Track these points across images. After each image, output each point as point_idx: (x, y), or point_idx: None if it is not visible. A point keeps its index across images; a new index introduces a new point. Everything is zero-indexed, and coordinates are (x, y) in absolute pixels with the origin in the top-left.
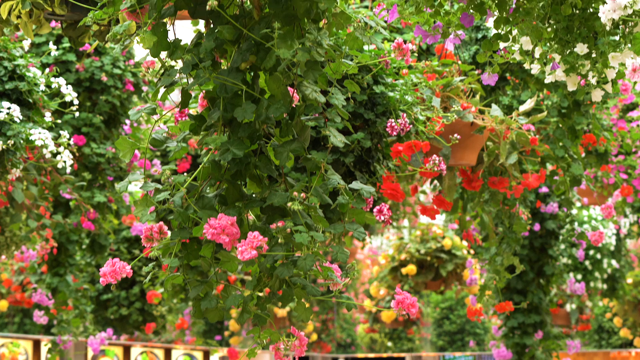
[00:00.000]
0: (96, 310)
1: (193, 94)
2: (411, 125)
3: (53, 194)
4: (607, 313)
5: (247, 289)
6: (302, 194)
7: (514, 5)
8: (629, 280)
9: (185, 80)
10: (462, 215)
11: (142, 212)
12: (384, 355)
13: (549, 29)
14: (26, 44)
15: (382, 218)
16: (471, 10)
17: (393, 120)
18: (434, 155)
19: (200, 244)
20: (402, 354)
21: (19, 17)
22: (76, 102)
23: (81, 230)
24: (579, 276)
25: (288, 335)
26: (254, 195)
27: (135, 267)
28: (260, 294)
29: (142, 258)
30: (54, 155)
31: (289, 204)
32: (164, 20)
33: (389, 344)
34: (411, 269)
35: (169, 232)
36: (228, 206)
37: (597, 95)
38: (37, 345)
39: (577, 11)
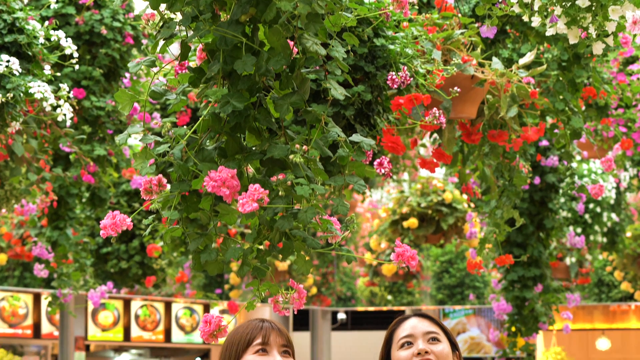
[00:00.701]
0: (96, 264)
1: (192, 47)
2: (412, 78)
3: (53, 147)
4: (607, 267)
5: (247, 241)
6: (303, 147)
7: None
8: (629, 234)
9: (184, 32)
10: (461, 169)
11: (142, 165)
12: (384, 308)
13: None
14: None
15: (383, 171)
16: None
17: (394, 73)
18: (434, 108)
19: (200, 197)
20: (402, 307)
21: None
22: (76, 55)
23: (81, 184)
24: (579, 229)
25: (287, 288)
26: (253, 148)
27: (135, 220)
28: (260, 247)
29: (142, 211)
30: (54, 108)
31: (291, 156)
32: None
33: (389, 297)
34: (412, 222)
35: (169, 185)
36: (228, 159)
37: (597, 48)
38: (37, 298)
39: None
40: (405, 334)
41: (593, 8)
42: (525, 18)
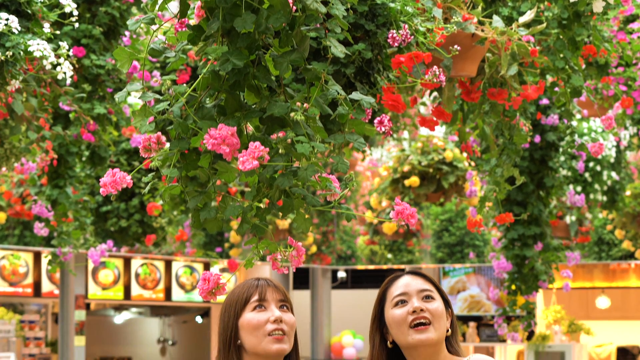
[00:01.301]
0: (96, 222)
1: (192, 4)
2: (412, 37)
3: (53, 106)
4: (608, 225)
5: (247, 199)
6: (304, 105)
7: None
8: (628, 193)
9: None
10: (461, 127)
11: (141, 123)
12: (384, 267)
13: None
14: None
15: (383, 129)
16: None
17: (394, 31)
18: (434, 67)
19: (199, 155)
20: (402, 266)
21: None
22: (75, 13)
23: (81, 142)
24: (579, 188)
25: (286, 246)
26: (253, 106)
27: (135, 178)
28: (260, 205)
29: (142, 169)
30: (54, 66)
31: (291, 114)
32: None
33: (389, 255)
34: (414, 180)
35: (168, 144)
36: (227, 116)
37: (598, 6)
38: (37, 257)
39: None
40: (399, 292)
41: None
42: None
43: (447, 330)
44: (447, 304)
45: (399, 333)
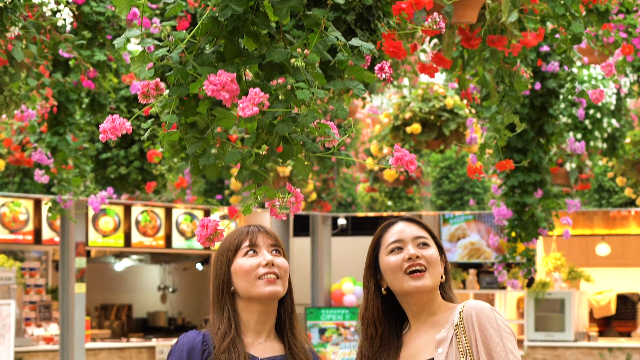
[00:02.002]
0: (95, 170)
1: None
2: None
3: (52, 53)
4: (609, 173)
5: (246, 145)
6: (305, 51)
7: None
8: (628, 140)
9: None
10: (461, 74)
11: (140, 69)
12: (384, 214)
13: None
14: None
15: (384, 76)
16: None
17: None
18: (435, 13)
19: (199, 101)
20: (402, 213)
21: None
22: None
23: (81, 89)
24: (579, 135)
25: (285, 193)
26: (252, 53)
27: (134, 125)
28: (259, 151)
29: (142, 117)
30: (54, 13)
31: (292, 60)
32: None
33: (389, 203)
34: (416, 127)
35: (167, 90)
36: (226, 62)
37: None
38: (37, 204)
39: None
40: (394, 239)
41: None
42: None
43: (442, 277)
44: (440, 250)
45: (394, 280)
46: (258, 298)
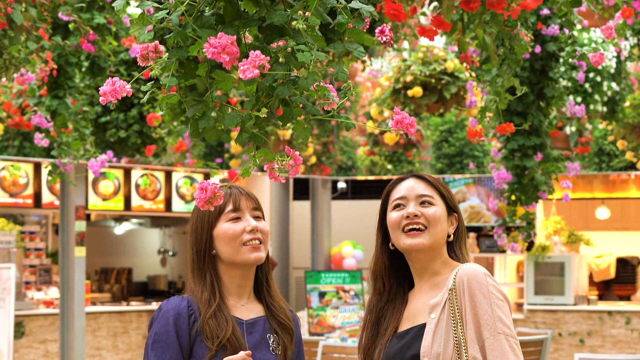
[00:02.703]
0: (95, 133)
1: None
2: None
3: (52, 16)
4: (609, 136)
5: (246, 107)
6: (306, 13)
7: None
8: (627, 104)
9: None
10: (461, 37)
11: (139, 31)
12: (384, 177)
13: None
14: None
15: (384, 39)
16: None
17: None
18: None
19: (198, 64)
20: (405, 176)
21: None
22: None
23: (80, 52)
24: (579, 99)
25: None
26: (252, 15)
27: (134, 89)
28: (259, 114)
29: (141, 80)
30: None
31: (293, 22)
32: None
33: (389, 166)
34: (417, 91)
35: (166, 53)
36: (226, 25)
37: None
38: (37, 168)
39: None
40: (399, 195)
41: None
42: None
43: (449, 236)
44: (451, 209)
45: (394, 236)
46: (242, 264)
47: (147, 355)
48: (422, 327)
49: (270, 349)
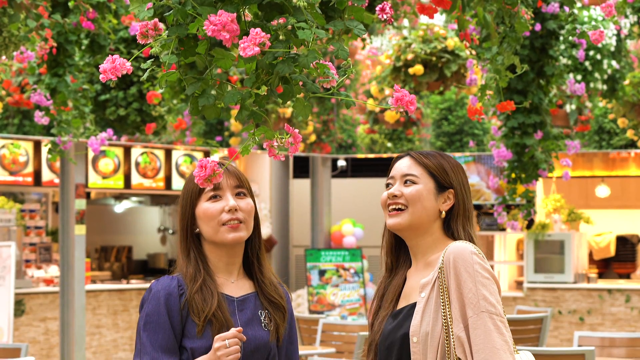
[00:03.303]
0: (95, 111)
1: None
2: None
3: None
4: (609, 114)
5: (246, 85)
6: None
7: None
8: (627, 82)
9: None
10: (460, 15)
11: (139, 9)
12: (384, 155)
13: None
14: None
15: (385, 16)
16: None
17: None
18: None
19: (198, 41)
20: (402, 155)
21: None
22: None
23: (80, 30)
24: (579, 77)
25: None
26: None
27: (133, 67)
28: (259, 92)
29: (141, 58)
30: None
31: (294, 0)
32: None
33: (389, 144)
34: (418, 68)
35: (166, 30)
36: (225, 2)
37: None
38: (37, 146)
39: None
40: (390, 175)
41: None
42: None
43: (441, 213)
44: (442, 186)
45: (385, 215)
46: (222, 244)
47: (139, 336)
48: (414, 306)
49: (262, 325)
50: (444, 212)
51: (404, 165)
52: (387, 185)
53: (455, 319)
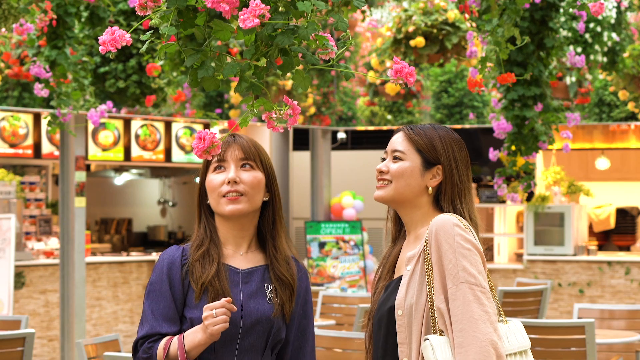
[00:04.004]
0: (94, 84)
1: None
2: None
3: None
4: (610, 87)
5: (245, 57)
6: None
7: None
8: (627, 54)
9: None
10: None
11: None
12: (384, 128)
13: None
14: None
15: None
16: None
17: None
18: None
19: (197, 13)
20: (399, 129)
21: None
22: None
23: (80, 2)
24: (579, 49)
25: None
26: None
27: (133, 39)
28: (258, 63)
29: (140, 30)
30: None
31: None
32: None
33: (389, 117)
34: (419, 41)
35: (164, 2)
36: None
37: None
38: (37, 118)
39: None
40: (385, 149)
41: None
42: None
43: (428, 189)
44: (429, 162)
45: None
46: (221, 215)
47: (144, 303)
48: (400, 279)
49: (268, 298)
50: (430, 189)
51: (395, 141)
52: (383, 159)
53: (437, 290)
